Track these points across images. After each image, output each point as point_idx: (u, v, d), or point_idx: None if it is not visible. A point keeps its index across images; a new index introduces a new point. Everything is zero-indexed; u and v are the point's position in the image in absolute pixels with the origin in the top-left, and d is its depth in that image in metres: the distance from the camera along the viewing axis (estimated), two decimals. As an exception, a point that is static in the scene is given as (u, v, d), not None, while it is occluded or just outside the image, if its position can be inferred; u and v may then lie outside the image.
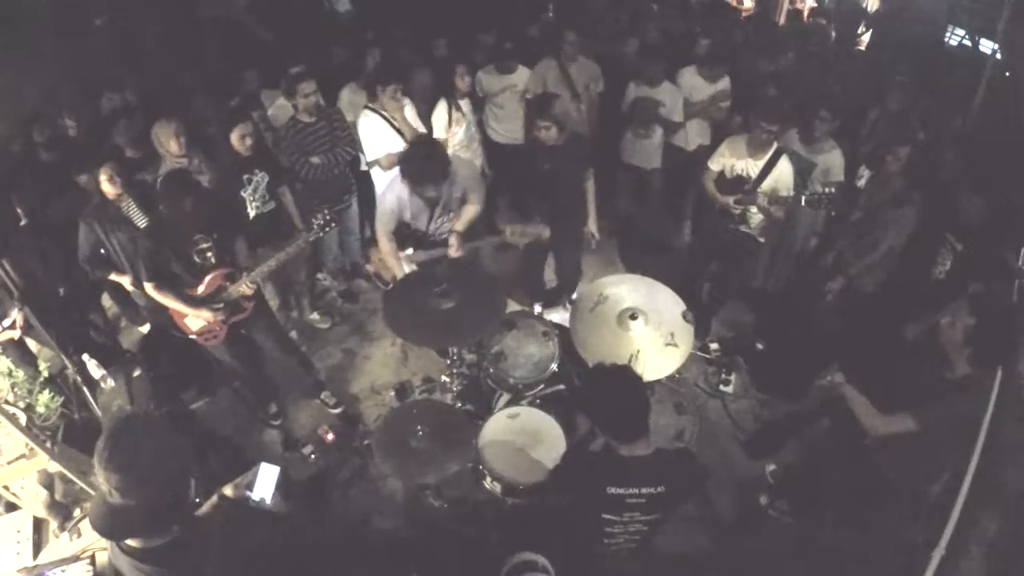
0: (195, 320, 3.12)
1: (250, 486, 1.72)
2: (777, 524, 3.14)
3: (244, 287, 3.10)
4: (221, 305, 3.08)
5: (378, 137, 3.93)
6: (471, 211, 3.38)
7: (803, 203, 3.36)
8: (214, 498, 1.72)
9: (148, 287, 2.98)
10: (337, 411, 3.77)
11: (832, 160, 3.78)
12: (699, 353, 4.02)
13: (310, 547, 1.85)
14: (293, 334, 4.24)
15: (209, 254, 3.03)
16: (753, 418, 3.76)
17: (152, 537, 1.44)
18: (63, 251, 3.50)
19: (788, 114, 3.56)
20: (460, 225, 3.34)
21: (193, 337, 3.18)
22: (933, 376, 2.38)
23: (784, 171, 3.52)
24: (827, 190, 3.36)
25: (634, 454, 1.89)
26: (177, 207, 2.86)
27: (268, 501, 1.71)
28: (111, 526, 1.40)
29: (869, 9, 6.68)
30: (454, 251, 3.28)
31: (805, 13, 6.67)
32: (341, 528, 3.20)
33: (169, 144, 3.47)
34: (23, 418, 2.49)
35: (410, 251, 3.48)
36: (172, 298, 2.99)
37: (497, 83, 4.50)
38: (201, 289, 3.05)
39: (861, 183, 3.87)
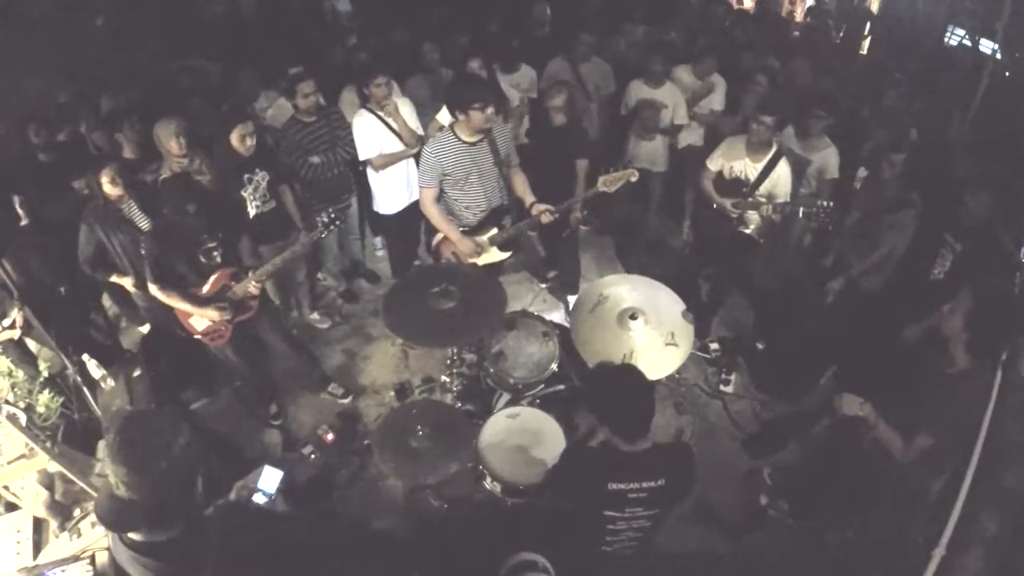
0: (200, 320, 3.12)
1: (254, 487, 1.72)
2: (777, 524, 3.14)
3: (250, 287, 3.11)
4: (226, 305, 3.09)
5: (372, 137, 3.91)
6: (523, 177, 3.43)
7: (800, 215, 3.37)
8: (219, 500, 1.72)
9: (153, 288, 2.98)
10: (346, 400, 3.80)
11: (827, 158, 3.77)
12: (699, 353, 4.01)
13: (310, 547, 1.84)
14: (293, 334, 4.24)
15: (215, 254, 3.04)
16: (753, 418, 3.76)
17: (156, 532, 1.45)
18: (63, 251, 3.50)
19: (785, 110, 3.56)
20: (530, 193, 3.39)
21: (198, 337, 3.18)
22: (933, 372, 2.38)
23: (783, 174, 3.52)
24: (825, 203, 3.35)
25: (634, 449, 1.91)
26: (180, 210, 2.88)
27: (271, 502, 1.72)
28: (116, 519, 1.41)
29: (871, 9, 6.67)
30: (547, 217, 3.28)
31: (805, 13, 6.66)
32: (341, 528, 3.20)
33: (170, 144, 3.46)
34: (23, 418, 2.49)
35: (493, 231, 3.42)
36: (177, 298, 3.00)
37: (499, 82, 4.49)
38: (206, 289, 3.06)
39: (859, 185, 3.86)
